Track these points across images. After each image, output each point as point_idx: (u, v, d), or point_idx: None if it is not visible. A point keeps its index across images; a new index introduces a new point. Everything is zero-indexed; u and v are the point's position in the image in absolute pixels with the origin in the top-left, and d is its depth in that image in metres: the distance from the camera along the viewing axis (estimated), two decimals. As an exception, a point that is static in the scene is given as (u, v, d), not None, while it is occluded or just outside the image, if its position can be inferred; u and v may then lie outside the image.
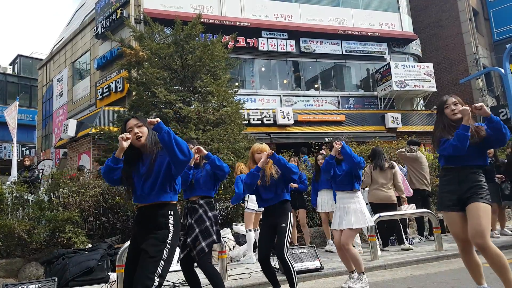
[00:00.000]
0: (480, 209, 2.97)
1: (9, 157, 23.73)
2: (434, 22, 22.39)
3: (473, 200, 3.01)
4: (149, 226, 2.61)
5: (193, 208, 3.65)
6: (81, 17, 20.17)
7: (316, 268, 4.99)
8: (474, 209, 2.99)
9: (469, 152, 3.04)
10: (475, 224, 2.95)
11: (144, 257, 2.50)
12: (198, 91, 8.68)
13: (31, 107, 27.64)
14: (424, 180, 7.11)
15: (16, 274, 5.52)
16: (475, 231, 2.94)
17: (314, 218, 7.57)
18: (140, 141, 2.65)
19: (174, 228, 2.63)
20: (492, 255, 2.93)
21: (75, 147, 14.68)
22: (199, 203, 3.66)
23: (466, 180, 3.09)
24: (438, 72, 19.59)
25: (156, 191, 2.63)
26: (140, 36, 8.94)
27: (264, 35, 16.44)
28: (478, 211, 2.97)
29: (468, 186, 3.07)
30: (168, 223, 2.62)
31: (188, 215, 3.65)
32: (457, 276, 4.51)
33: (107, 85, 15.12)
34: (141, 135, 2.66)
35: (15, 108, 12.38)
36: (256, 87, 16.70)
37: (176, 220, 2.67)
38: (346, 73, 18.54)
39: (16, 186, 6.36)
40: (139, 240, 2.63)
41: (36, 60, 29.26)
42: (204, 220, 3.57)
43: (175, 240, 2.64)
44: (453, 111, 3.15)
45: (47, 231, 5.90)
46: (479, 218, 2.95)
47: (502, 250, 6.12)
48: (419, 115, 17.90)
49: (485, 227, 2.94)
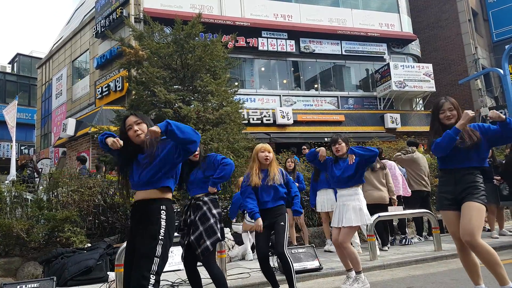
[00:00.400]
0: (473, 208, 3.02)
1: (8, 156, 23.69)
2: (433, 22, 22.43)
3: (467, 200, 3.06)
4: (142, 221, 2.60)
5: (197, 205, 3.59)
6: (81, 16, 20.15)
7: (315, 268, 4.99)
8: (467, 208, 3.04)
9: (466, 154, 3.09)
10: (465, 223, 3.01)
11: (138, 256, 2.50)
12: (198, 90, 8.68)
13: (30, 106, 27.62)
14: (422, 181, 7.11)
15: (14, 273, 5.51)
16: (464, 229, 3.01)
17: (313, 218, 7.58)
18: (140, 137, 2.67)
19: (166, 223, 2.60)
20: (483, 253, 2.96)
21: (74, 146, 14.67)
22: (203, 200, 3.60)
23: (462, 181, 3.15)
24: (437, 73, 19.63)
25: (154, 180, 2.62)
26: (140, 35, 8.93)
27: (264, 35, 16.45)
28: (470, 210, 3.02)
29: (464, 186, 3.13)
30: (160, 218, 2.58)
31: (191, 212, 3.60)
32: (455, 276, 4.52)
33: (106, 84, 15.11)
34: (140, 132, 2.67)
35: (14, 107, 12.38)
36: (256, 87, 16.70)
37: (169, 215, 2.64)
38: (346, 73, 18.56)
39: (15, 185, 6.35)
40: (134, 236, 2.62)
41: (36, 59, 29.23)
42: (209, 217, 3.51)
43: (168, 236, 2.60)
44: (447, 117, 3.18)
45: (45, 230, 5.89)
46: (471, 217, 3.01)
47: (501, 250, 6.13)
48: (418, 116, 17.93)
49: (474, 225, 2.98)
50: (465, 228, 3.00)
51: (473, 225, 2.98)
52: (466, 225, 3.00)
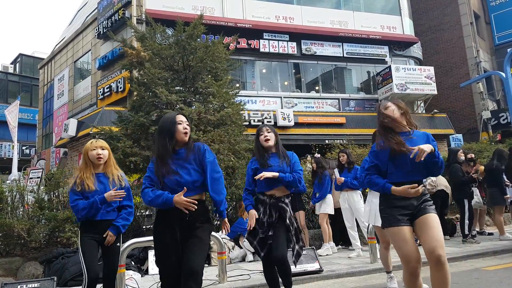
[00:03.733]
0: (435, 220, 2.78)
1: (9, 156, 23.76)
2: (435, 25, 22.42)
3: (426, 212, 2.80)
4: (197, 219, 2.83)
5: (280, 207, 3.43)
6: (83, 17, 20.21)
7: (316, 270, 4.97)
8: (430, 220, 2.77)
9: (413, 167, 2.86)
10: (435, 235, 2.70)
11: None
12: (199, 92, 8.69)
13: (32, 106, 27.67)
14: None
15: (15, 273, 5.52)
16: (436, 241, 2.68)
17: (313, 220, 7.57)
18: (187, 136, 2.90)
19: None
20: (447, 270, 2.70)
21: (75, 147, 14.69)
22: (285, 202, 3.47)
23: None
24: (438, 76, 19.61)
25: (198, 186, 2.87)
26: (141, 37, 8.95)
27: (265, 36, 16.47)
28: (433, 222, 2.76)
29: (418, 199, 2.86)
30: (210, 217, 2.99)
31: (271, 212, 3.41)
32: (455, 280, 4.50)
33: (108, 85, 15.14)
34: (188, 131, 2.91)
35: (16, 107, 12.42)
36: (257, 88, 16.71)
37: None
38: (347, 76, 18.56)
39: (16, 184, 6.36)
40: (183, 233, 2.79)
41: (38, 59, 29.29)
42: (293, 222, 3.41)
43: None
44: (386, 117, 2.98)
45: (46, 230, 5.89)
46: (438, 229, 2.75)
47: (502, 254, 6.09)
48: (420, 118, 17.90)
49: (442, 238, 2.76)
50: (438, 240, 2.68)
51: (442, 237, 2.74)
52: (437, 238, 2.70)
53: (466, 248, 6.31)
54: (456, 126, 18.95)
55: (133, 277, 4.96)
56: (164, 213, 2.84)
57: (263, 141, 3.58)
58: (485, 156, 10.73)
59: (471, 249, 6.18)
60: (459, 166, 6.92)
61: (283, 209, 3.41)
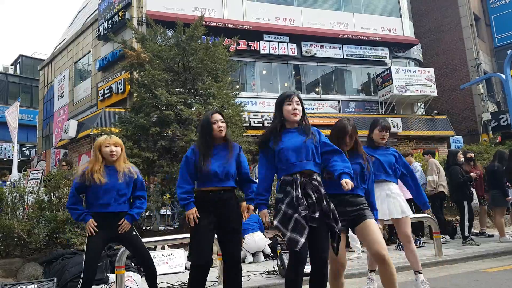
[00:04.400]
0: (375, 225, 3.17)
1: (9, 157, 23.76)
2: (435, 27, 22.46)
3: (365, 218, 3.17)
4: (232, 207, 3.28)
5: (314, 186, 2.91)
6: (83, 18, 20.23)
7: (316, 271, 4.95)
8: (371, 224, 3.15)
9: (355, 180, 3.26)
10: (377, 237, 3.10)
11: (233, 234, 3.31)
12: (200, 93, 8.69)
13: (32, 107, 27.67)
14: (443, 182, 7.49)
15: (15, 274, 5.52)
16: (380, 243, 3.09)
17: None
18: (222, 133, 3.30)
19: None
20: (392, 268, 3.08)
21: (75, 148, 14.70)
22: (318, 180, 2.96)
23: (352, 203, 3.24)
24: (439, 77, 19.63)
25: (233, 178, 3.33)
26: (142, 38, 8.96)
27: (265, 38, 16.48)
28: (374, 226, 3.15)
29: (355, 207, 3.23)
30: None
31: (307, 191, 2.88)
32: (456, 281, 4.51)
33: (108, 87, 15.15)
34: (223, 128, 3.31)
35: (16, 108, 12.42)
36: (257, 90, 16.72)
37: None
38: (347, 77, 18.58)
39: (16, 186, 6.37)
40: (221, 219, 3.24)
41: (38, 61, 29.31)
42: (330, 203, 2.95)
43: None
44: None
45: (46, 232, 5.90)
46: (378, 232, 3.15)
47: (502, 256, 6.10)
48: (420, 120, 17.92)
49: (383, 240, 3.16)
50: (380, 242, 3.08)
51: (383, 239, 3.15)
52: (379, 240, 3.09)
53: (466, 249, 6.31)
54: (456, 128, 18.95)
55: (133, 278, 4.96)
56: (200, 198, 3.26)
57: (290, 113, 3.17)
58: (485, 158, 10.74)
59: (471, 250, 6.19)
60: (459, 168, 6.93)
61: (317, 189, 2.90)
